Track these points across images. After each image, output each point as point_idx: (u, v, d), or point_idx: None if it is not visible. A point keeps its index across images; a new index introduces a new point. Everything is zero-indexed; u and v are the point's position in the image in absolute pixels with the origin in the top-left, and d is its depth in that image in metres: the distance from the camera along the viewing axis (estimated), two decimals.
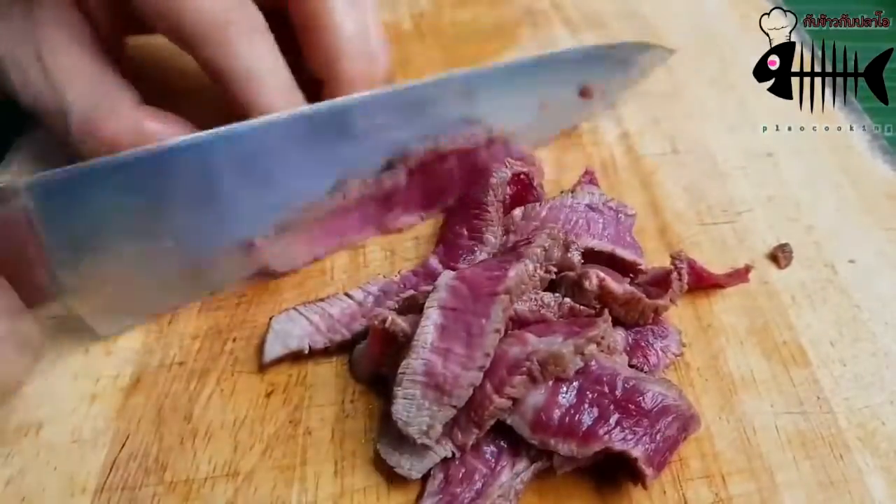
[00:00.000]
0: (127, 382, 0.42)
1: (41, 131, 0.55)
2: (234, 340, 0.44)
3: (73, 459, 0.39)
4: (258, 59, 0.44)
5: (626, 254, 0.44)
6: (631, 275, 0.45)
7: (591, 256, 0.43)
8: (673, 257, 0.43)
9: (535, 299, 0.39)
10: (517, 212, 0.46)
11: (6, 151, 0.55)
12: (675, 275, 0.42)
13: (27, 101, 0.46)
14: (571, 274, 0.41)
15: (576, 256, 0.41)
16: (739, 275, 0.46)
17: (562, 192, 0.47)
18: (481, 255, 0.45)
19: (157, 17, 0.43)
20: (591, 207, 0.46)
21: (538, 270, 0.39)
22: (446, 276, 0.40)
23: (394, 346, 0.39)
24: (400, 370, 0.37)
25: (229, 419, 0.40)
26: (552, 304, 0.40)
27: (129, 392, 0.42)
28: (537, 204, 0.46)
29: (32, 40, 0.44)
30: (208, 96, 0.48)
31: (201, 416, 0.41)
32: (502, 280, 0.38)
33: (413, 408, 0.36)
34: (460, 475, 0.36)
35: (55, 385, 0.42)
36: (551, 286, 0.41)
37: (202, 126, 0.43)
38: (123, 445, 0.39)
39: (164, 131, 0.46)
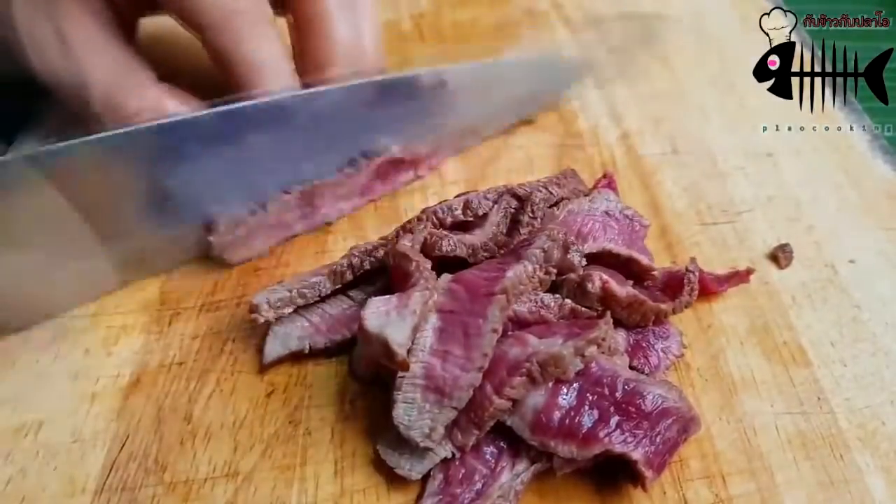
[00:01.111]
0: (127, 382, 0.42)
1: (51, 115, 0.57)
2: (234, 340, 0.44)
3: (73, 460, 0.39)
4: (262, 50, 0.45)
5: (642, 258, 0.44)
6: (634, 279, 0.44)
7: (599, 259, 0.43)
8: (688, 269, 0.43)
9: (535, 300, 0.39)
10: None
11: (14, 135, 0.57)
12: (686, 289, 0.42)
13: (46, 77, 0.47)
14: (574, 276, 0.41)
15: (576, 258, 0.41)
16: (740, 277, 0.46)
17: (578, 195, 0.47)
18: None
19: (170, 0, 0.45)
20: (608, 214, 0.45)
21: (537, 272, 0.39)
22: (444, 279, 0.40)
23: None
24: (399, 374, 0.36)
25: (229, 419, 0.40)
26: (552, 304, 0.40)
27: (129, 392, 0.42)
28: (555, 208, 0.45)
29: (52, 18, 0.45)
30: (211, 78, 0.49)
31: (201, 417, 0.41)
32: (500, 281, 0.38)
33: (414, 411, 0.36)
34: (460, 476, 0.36)
35: (55, 385, 0.42)
36: (554, 288, 0.41)
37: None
38: (123, 446, 0.39)
39: (182, 109, 0.47)
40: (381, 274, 0.44)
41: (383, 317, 0.37)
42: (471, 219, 0.45)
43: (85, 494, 0.38)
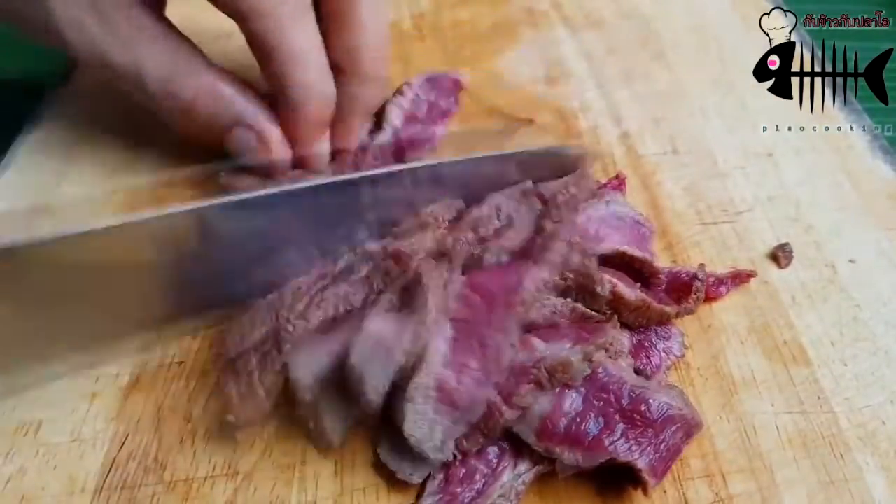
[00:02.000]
0: (126, 382, 0.42)
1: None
2: None
3: (72, 459, 0.39)
4: (302, 40, 0.46)
5: (655, 261, 0.44)
6: (640, 281, 0.44)
7: (607, 261, 0.43)
8: (697, 277, 0.43)
9: (548, 305, 0.39)
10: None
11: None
12: (693, 297, 0.42)
13: (90, 59, 0.46)
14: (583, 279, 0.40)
15: (593, 267, 0.40)
16: (741, 278, 0.46)
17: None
18: None
19: None
20: (616, 216, 0.45)
21: (553, 278, 0.39)
22: (456, 285, 0.39)
23: None
24: (412, 385, 0.36)
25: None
26: (564, 310, 0.40)
27: (129, 391, 0.42)
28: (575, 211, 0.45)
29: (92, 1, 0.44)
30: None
31: (201, 416, 0.40)
32: (518, 290, 0.37)
33: (425, 424, 0.35)
34: (461, 475, 0.36)
35: (55, 384, 0.42)
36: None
37: None
38: (123, 445, 0.39)
39: (237, 95, 0.48)
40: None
41: (369, 351, 0.36)
42: (504, 223, 0.44)
43: (84, 493, 0.37)
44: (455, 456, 0.36)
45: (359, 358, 0.36)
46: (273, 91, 0.48)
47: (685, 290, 0.43)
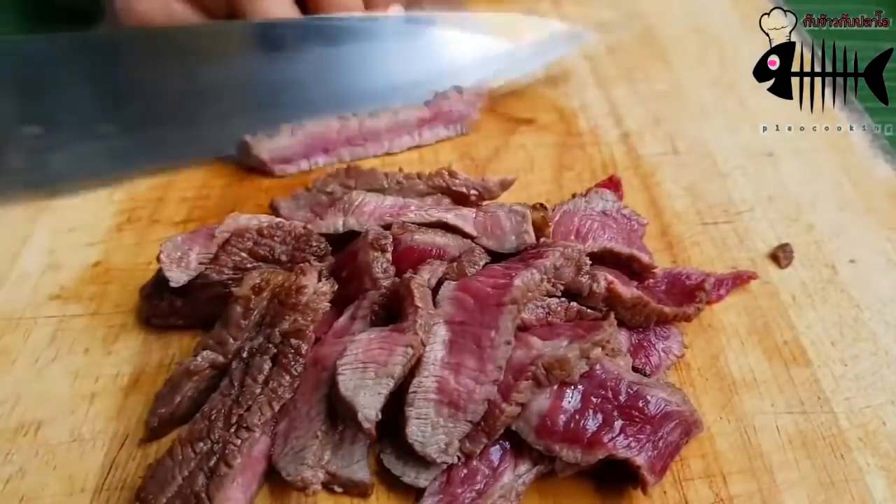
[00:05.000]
0: (126, 382, 0.42)
1: None
2: None
3: (72, 459, 0.39)
4: None
5: (643, 256, 0.44)
6: (634, 277, 0.44)
7: (600, 259, 0.43)
8: (703, 288, 0.43)
9: (542, 306, 0.39)
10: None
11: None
12: (695, 306, 0.42)
13: None
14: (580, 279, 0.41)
15: (585, 280, 0.40)
16: (742, 279, 0.46)
17: (574, 195, 0.48)
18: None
19: None
20: (605, 213, 0.45)
21: (544, 283, 0.39)
22: (447, 288, 0.39)
23: None
24: (411, 389, 0.36)
25: None
26: (559, 310, 0.40)
27: (129, 391, 0.42)
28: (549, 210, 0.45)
29: None
30: None
31: None
32: (508, 289, 0.37)
33: (428, 427, 0.35)
34: (462, 476, 0.36)
35: (55, 385, 0.42)
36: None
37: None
38: (122, 445, 0.39)
39: (188, 10, 0.55)
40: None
41: (359, 376, 0.36)
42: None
43: (84, 493, 0.37)
44: (458, 458, 0.36)
45: (347, 385, 0.35)
46: None
47: (687, 295, 0.43)
